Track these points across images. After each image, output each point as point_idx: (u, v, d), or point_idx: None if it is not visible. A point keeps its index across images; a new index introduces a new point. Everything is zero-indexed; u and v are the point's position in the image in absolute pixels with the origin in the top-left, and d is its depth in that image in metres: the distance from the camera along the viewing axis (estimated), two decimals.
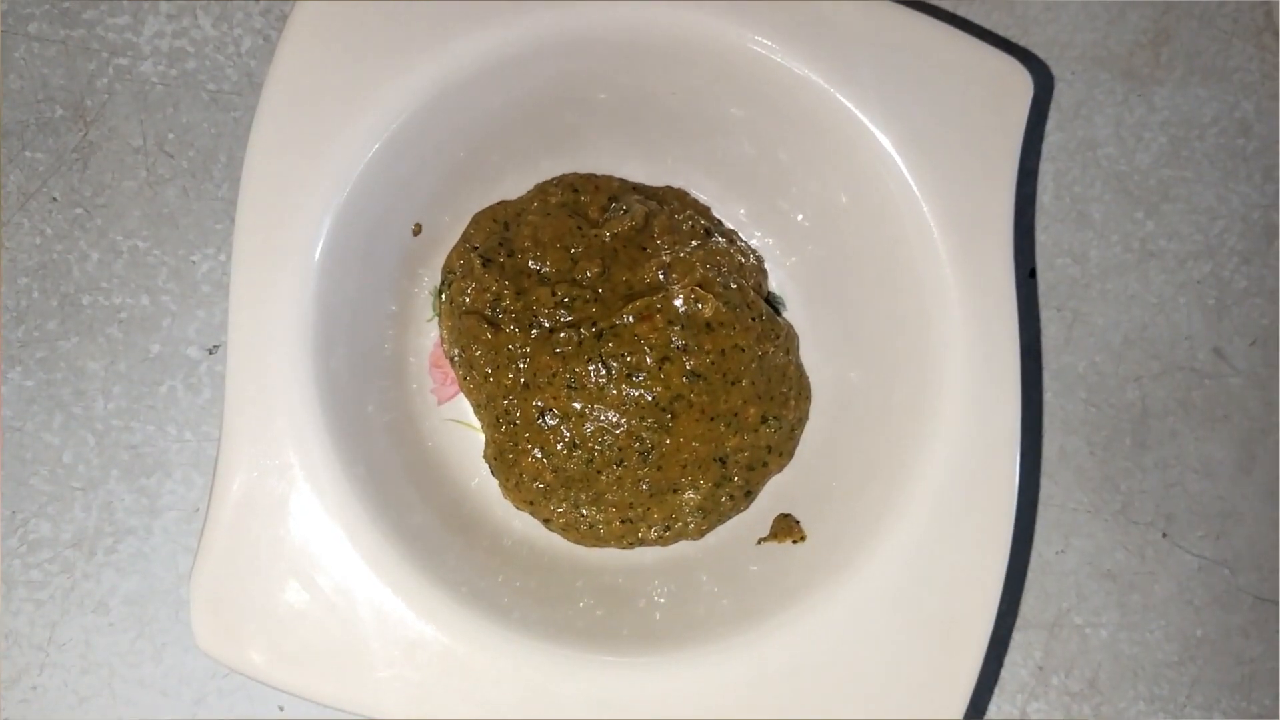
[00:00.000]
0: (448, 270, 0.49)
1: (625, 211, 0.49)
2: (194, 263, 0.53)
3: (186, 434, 0.52)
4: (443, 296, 0.49)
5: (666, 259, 0.47)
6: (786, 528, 0.48)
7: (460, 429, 0.50)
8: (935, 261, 0.44)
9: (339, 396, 0.43)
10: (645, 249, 0.48)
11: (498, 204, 0.50)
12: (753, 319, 0.47)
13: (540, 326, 0.47)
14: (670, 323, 0.46)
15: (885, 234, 0.46)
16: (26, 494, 0.51)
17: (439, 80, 0.43)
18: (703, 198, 0.52)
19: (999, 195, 0.44)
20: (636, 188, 0.51)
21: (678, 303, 0.46)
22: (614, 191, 0.50)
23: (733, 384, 0.46)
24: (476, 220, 0.49)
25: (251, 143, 0.42)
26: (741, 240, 0.52)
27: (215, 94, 0.54)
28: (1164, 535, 0.56)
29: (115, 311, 0.52)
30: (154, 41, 0.54)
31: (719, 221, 0.52)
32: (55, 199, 0.53)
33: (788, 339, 0.49)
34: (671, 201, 0.51)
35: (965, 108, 0.45)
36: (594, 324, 0.46)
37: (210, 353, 0.53)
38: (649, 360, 0.46)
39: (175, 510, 0.52)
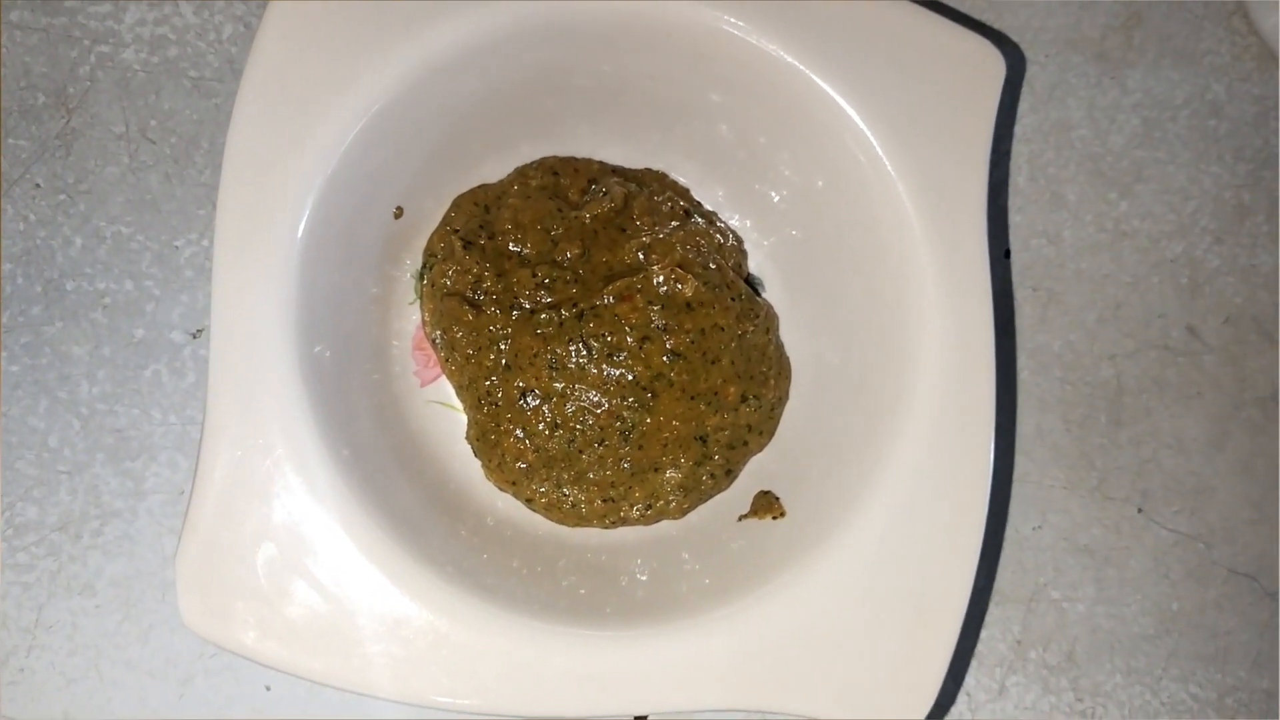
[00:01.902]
0: (429, 253, 0.49)
1: (605, 194, 0.49)
2: (177, 248, 0.53)
3: (171, 417, 0.52)
4: (424, 279, 0.49)
5: (646, 240, 0.48)
6: (766, 504, 0.48)
7: (443, 411, 0.50)
8: (911, 242, 0.45)
9: (322, 379, 0.43)
10: (625, 230, 0.48)
11: (478, 187, 0.50)
12: (732, 299, 0.47)
13: (521, 308, 0.47)
14: (650, 303, 0.46)
15: (861, 215, 0.46)
16: (13, 478, 0.51)
17: (418, 65, 0.43)
18: (682, 180, 0.52)
19: (973, 176, 0.45)
20: (616, 170, 0.51)
21: (658, 283, 0.46)
22: (593, 174, 0.50)
23: (713, 363, 0.47)
24: (457, 203, 0.50)
25: (233, 129, 0.42)
26: (721, 221, 0.52)
27: (197, 81, 0.54)
28: (1139, 510, 0.57)
29: (99, 297, 0.53)
30: (135, 29, 0.54)
31: (698, 203, 0.52)
32: (38, 185, 0.53)
33: (767, 319, 0.49)
34: (651, 184, 0.51)
35: (939, 90, 0.45)
36: (575, 305, 0.46)
37: (194, 337, 0.53)
38: (629, 340, 0.46)
39: (160, 493, 0.52)
